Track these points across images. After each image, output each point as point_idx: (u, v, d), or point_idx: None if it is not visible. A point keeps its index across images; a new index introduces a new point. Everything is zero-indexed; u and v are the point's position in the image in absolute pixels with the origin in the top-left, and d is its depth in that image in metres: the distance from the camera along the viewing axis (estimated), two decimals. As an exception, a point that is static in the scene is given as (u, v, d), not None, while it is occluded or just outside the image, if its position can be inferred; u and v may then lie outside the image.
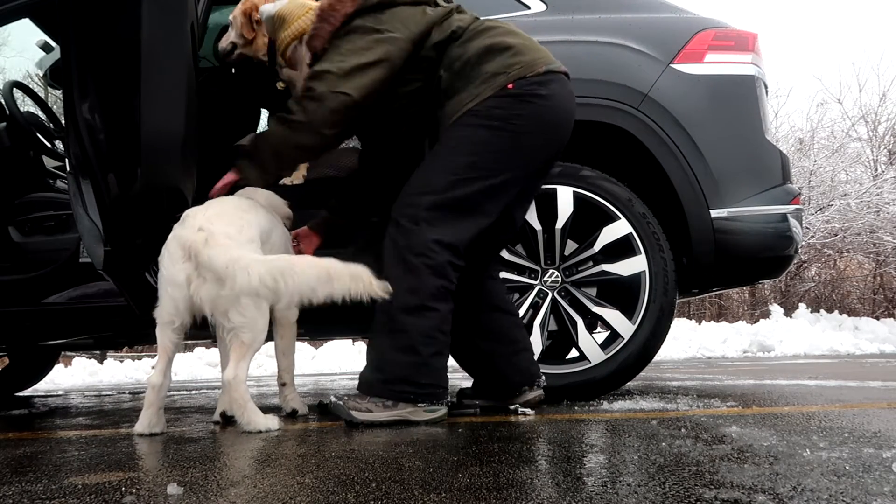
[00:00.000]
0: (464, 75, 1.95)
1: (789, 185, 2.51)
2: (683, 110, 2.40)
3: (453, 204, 1.88)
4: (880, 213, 12.68)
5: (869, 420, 1.71)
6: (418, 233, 1.86)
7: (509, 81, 1.90)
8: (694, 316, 13.31)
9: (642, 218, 2.30)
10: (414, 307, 1.84)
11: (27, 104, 3.88)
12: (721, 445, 1.39)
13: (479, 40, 1.97)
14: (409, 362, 1.84)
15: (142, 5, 1.87)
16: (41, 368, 4.43)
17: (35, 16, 2.94)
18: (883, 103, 14.17)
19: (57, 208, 2.96)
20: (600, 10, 2.59)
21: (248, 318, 1.80)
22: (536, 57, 1.96)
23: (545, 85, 1.93)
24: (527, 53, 1.95)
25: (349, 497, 1.06)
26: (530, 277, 2.30)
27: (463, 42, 1.98)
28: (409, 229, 1.87)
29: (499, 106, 1.90)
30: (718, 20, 2.61)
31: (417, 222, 1.87)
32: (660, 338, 2.30)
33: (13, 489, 1.23)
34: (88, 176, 1.99)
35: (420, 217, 1.87)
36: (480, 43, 1.96)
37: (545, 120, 1.94)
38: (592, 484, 1.09)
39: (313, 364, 7.92)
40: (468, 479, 1.16)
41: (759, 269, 2.56)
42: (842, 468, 1.13)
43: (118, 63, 1.93)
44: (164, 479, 1.25)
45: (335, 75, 1.92)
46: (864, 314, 11.73)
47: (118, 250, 2.05)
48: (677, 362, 6.47)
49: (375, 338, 1.91)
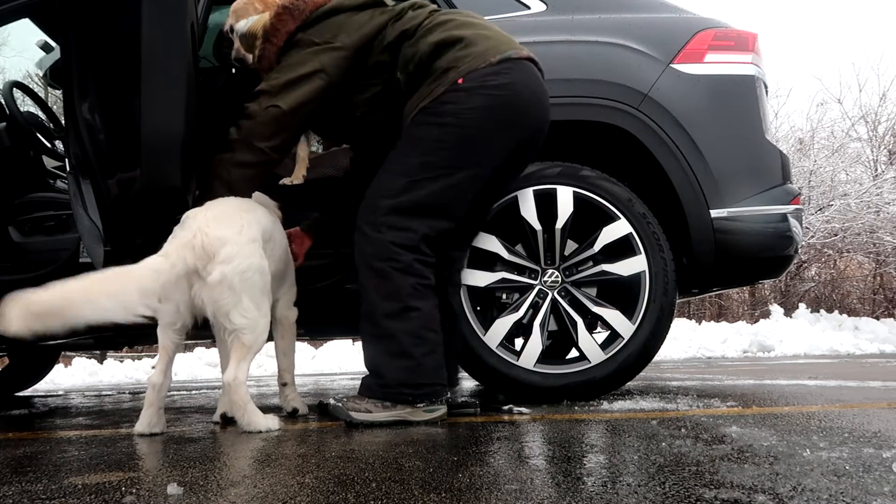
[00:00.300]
0: (418, 74, 1.94)
1: (789, 185, 2.51)
2: (683, 110, 2.40)
3: (410, 206, 1.88)
4: (880, 213, 12.68)
5: (869, 420, 1.71)
6: (381, 239, 1.86)
7: (459, 76, 1.86)
8: (694, 316, 13.31)
9: (642, 218, 2.30)
10: (396, 311, 1.85)
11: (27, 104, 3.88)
12: (721, 445, 1.39)
13: (430, 37, 1.94)
14: (403, 366, 1.85)
15: (142, 5, 1.88)
16: (41, 368, 4.42)
17: (35, 16, 2.94)
18: (883, 103, 14.20)
19: (57, 208, 2.95)
20: (600, 10, 2.59)
21: (249, 319, 1.80)
22: (488, 47, 1.91)
23: (501, 74, 1.88)
24: (478, 44, 1.91)
25: (349, 497, 1.06)
26: (530, 277, 2.30)
27: (415, 41, 1.96)
28: (372, 237, 1.88)
29: (451, 101, 1.87)
30: (718, 20, 2.61)
31: (379, 229, 1.87)
32: (660, 338, 2.30)
33: (13, 489, 1.23)
34: (88, 176, 1.99)
35: (380, 223, 1.87)
36: (432, 39, 1.93)
37: (502, 110, 1.89)
38: (592, 484, 1.09)
39: (313, 364, 7.92)
40: (468, 479, 1.16)
41: (759, 269, 2.56)
42: (842, 468, 1.13)
43: (118, 63, 1.93)
44: (164, 479, 1.25)
45: (268, 94, 1.95)
46: (864, 314, 11.72)
47: (118, 250, 2.05)
48: (677, 362, 6.47)
49: (366, 346, 1.92)
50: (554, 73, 2.41)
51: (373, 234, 1.88)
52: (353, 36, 1.97)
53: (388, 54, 1.99)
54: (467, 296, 2.26)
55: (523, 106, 1.94)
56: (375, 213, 1.89)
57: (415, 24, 1.98)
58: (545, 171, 2.31)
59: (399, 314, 1.84)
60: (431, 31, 1.96)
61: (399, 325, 1.84)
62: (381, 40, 2.00)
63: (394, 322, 1.84)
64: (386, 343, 1.86)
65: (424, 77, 1.93)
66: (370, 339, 1.90)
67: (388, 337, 1.85)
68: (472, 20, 2.00)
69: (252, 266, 1.81)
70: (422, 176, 1.88)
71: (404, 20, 2.00)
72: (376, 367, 1.89)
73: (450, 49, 1.91)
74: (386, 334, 1.85)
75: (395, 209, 1.87)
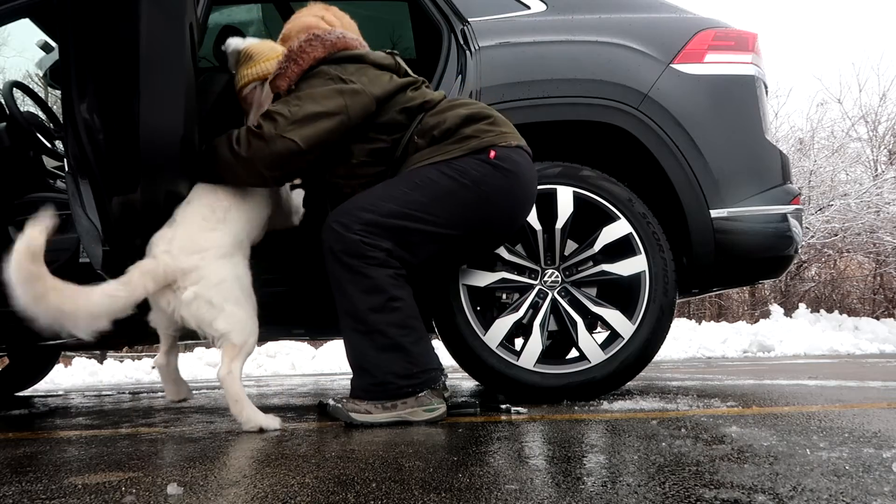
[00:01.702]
0: (438, 140, 1.98)
1: (789, 185, 2.51)
2: (683, 110, 2.40)
3: (390, 229, 1.89)
4: (880, 213, 12.67)
5: (869, 420, 1.71)
6: (351, 238, 1.87)
7: (482, 146, 1.94)
8: (694, 316, 13.31)
9: (642, 218, 2.30)
10: (380, 304, 1.86)
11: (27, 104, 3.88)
12: (721, 445, 1.39)
13: (457, 110, 2.01)
14: (397, 359, 1.86)
15: (141, 5, 1.87)
16: (41, 368, 4.42)
17: (35, 16, 2.94)
18: (883, 103, 14.20)
19: (57, 208, 2.95)
20: (600, 10, 2.59)
21: (235, 321, 1.81)
22: (510, 131, 2.02)
23: (517, 163, 1.98)
24: (502, 126, 2.02)
25: (349, 497, 1.06)
26: (530, 277, 2.30)
27: (439, 112, 2.01)
28: (342, 234, 1.88)
29: (476, 169, 1.93)
30: (718, 20, 2.61)
31: (352, 231, 1.88)
32: (660, 338, 2.30)
33: (13, 489, 1.23)
34: (87, 176, 1.98)
35: (354, 228, 1.88)
36: (460, 112, 2.00)
37: (511, 195, 1.99)
38: (592, 484, 1.09)
39: (313, 364, 7.92)
40: (468, 479, 1.16)
41: (760, 269, 2.56)
42: (842, 468, 1.13)
43: (117, 63, 1.92)
44: (164, 479, 1.25)
45: (286, 119, 1.88)
46: (864, 314, 11.73)
47: (117, 250, 2.05)
48: (677, 362, 6.47)
49: (352, 345, 1.91)
50: (554, 73, 2.42)
51: (343, 231, 1.89)
52: (376, 86, 1.97)
53: (405, 116, 2.01)
54: (467, 296, 2.25)
55: (525, 199, 2.06)
56: (350, 218, 1.90)
57: (436, 98, 2.05)
58: (545, 171, 2.31)
59: (384, 307, 1.86)
60: (457, 106, 2.04)
61: (385, 317, 1.85)
62: (398, 101, 2.01)
63: (380, 315, 1.85)
64: (374, 338, 1.86)
65: (446, 140, 1.97)
66: (355, 335, 1.89)
67: (376, 332, 1.86)
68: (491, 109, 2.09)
69: (225, 279, 1.82)
70: (418, 214, 1.90)
71: (423, 91, 2.06)
72: (367, 365, 1.88)
73: (477, 122, 1.99)
74: (373, 329, 1.86)
75: (373, 224, 1.89)
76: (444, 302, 2.24)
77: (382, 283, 1.86)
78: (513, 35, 2.49)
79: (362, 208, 1.92)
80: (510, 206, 2.02)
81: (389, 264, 1.89)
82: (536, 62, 2.44)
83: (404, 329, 1.87)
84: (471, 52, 2.41)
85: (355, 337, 1.89)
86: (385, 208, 1.90)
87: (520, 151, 2.01)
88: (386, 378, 1.85)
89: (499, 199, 1.97)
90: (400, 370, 1.85)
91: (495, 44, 2.45)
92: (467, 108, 2.03)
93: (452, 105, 2.03)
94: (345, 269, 1.88)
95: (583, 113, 2.40)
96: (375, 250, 1.88)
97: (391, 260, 1.89)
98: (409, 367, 1.86)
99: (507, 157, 1.96)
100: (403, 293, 1.90)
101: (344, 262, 1.88)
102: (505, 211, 2.02)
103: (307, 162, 1.96)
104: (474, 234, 2.01)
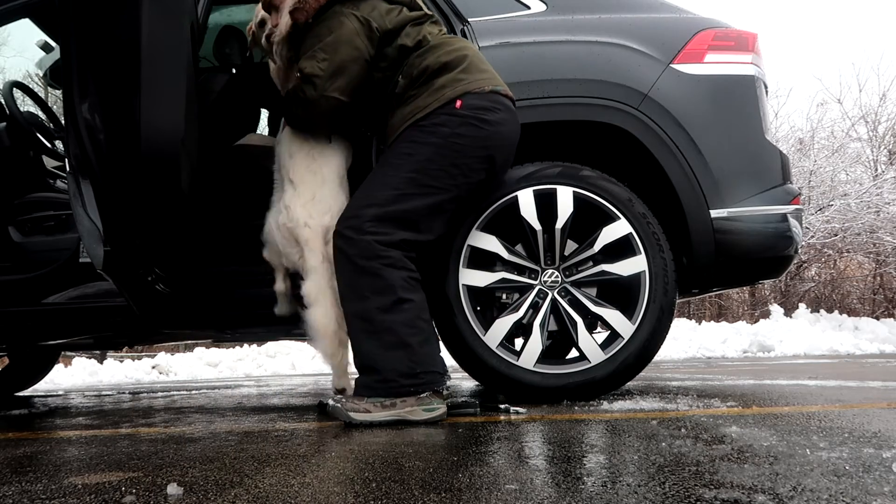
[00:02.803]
0: (417, 85, 2.03)
1: (789, 186, 2.51)
2: (683, 110, 2.40)
3: (396, 216, 1.94)
4: (880, 213, 12.67)
5: (869, 420, 1.71)
6: (365, 240, 1.91)
7: (455, 95, 1.98)
8: (694, 316, 13.31)
9: (642, 218, 2.30)
10: (390, 304, 1.88)
11: (27, 104, 3.88)
12: (721, 445, 1.39)
13: (437, 55, 2.04)
14: (402, 357, 1.87)
15: (142, 5, 1.87)
16: (41, 368, 4.43)
17: (35, 16, 2.94)
18: (883, 103, 14.20)
19: (57, 208, 2.96)
20: (600, 10, 2.59)
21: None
22: (484, 77, 2.04)
23: (492, 111, 2.01)
24: (475, 73, 2.03)
25: (349, 497, 1.06)
26: (530, 277, 2.30)
27: (424, 52, 2.05)
28: (355, 238, 1.93)
29: (445, 124, 1.97)
30: (718, 20, 2.60)
31: (362, 232, 1.92)
32: (660, 338, 2.30)
33: (13, 489, 1.23)
34: (88, 176, 1.99)
35: (364, 228, 1.92)
36: (440, 58, 2.03)
37: (487, 145, 2.01)
38: (592, 484, 1.09)
39: (313, 364, 7.92)
40: (468, 479, 1.16)
41: (760, 270, 2.55)
42: (842, 468, 1.13)
43: (118, 63, 1.92)
44: (164, 479, 1.25)
45: (322, 78, 2.00)
46: (864, 314, 11.72)
47: (118, 250, 2.05)
48: (677, 362, 6.47)
49: (360, 344, 1.93)
50: (554, 74, 2.41)
51: (356, 236, 1.92)
52: (384, 22, 2.05)
53: (397, 53, 2.06)
54: (467, 296, 2.26)
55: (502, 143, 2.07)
56: (359, 220, 1.94)
57: (430, 38, 2.08)
58: (545, 171, 2.31)
59: (392, 307, 1.88)
60: (438, 48, 2.06)
61: (393, 317, 1.87)
62: (399, 38, 2.06)
63: (388, 315, 1.87)
64: (383, 337, 1.87)
65: (421, 90, 2.02)
66: (364, 336, 1.91)
67: (384, 330, 1.87)
68: (474, 51, 2.13)
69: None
70: (410, 191, 1.95)
71: (423, 29, 2.09)
72: (372, 364, 1.89)
73: (451, 71, 2.02)
74: (381, 328, 1.87)
75: (379, 218, 1.93)
76: (444, 302, 2.24)
77: (396, 284, 1.89)
78: (513, 35, 2.49)
79: (364, 205, 1.96)
80: (488, 154, 2.04)
81: (404, 265, 1.93)
82: (536, 62, 2.44)
83: (412, 328, 1.89)
84: (471, 52, 2.41)
85: (363, 338, 1.91)
86: (382, 197, 1.95)
87: (493, 96, 2.03)
88: (389, 375, 1.86)
89: (475, 149, 2.00)
90: (404, 368, 1.86)
91: (495, 44, 2.45)
92: (448, 53, 2.05)
93: (435, 47, 2.06)
94: (359, 272, 1.91)
95: (583, 113, 2.40)
96: (390, 248, 1.91)
97: (405, 260, 1.93)
98: (413, 366, 1.87)
99: (476, 105, 1.99)
100: (415, 296, 1.92)
101: (359, 265, 1.90)
102: (485, 158, 2.04)
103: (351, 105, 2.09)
104: (468, 186, 2.04)
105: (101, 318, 2.62)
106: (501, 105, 2.04)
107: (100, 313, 2.59)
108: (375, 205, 1.94)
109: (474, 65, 2.05)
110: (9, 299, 2.60)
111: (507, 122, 2.05)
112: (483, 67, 2.08)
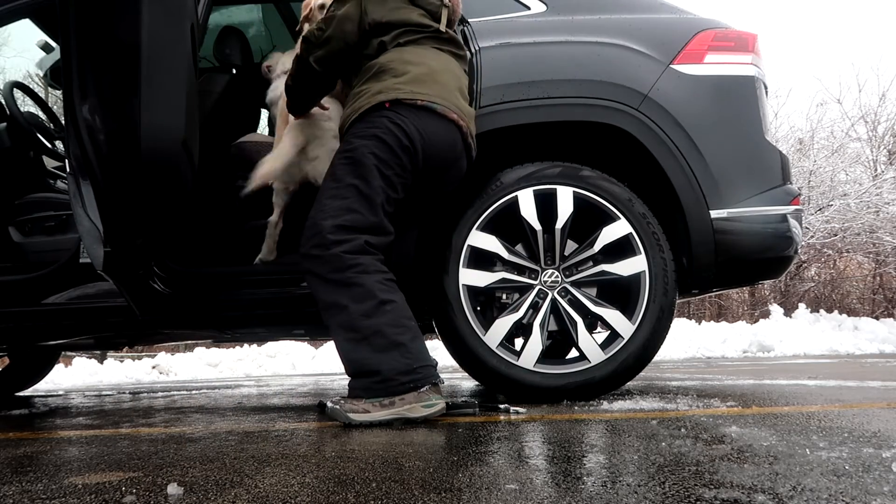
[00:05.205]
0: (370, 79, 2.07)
1: (789, 186, 2.51)
2: (683, 111, 2.40)
3: (354, 224, 1.95)
4: (880, 213, 12.67)
5: (869, 420, 1.71)
6: (332, 253, 1.92)
7: (387, 100, 2.00)
8: (694, 316, 13.31)
9: (642, 218, 2.30)
10: (372, 309, 1.89)
11: (27, 104, 3.88)
12: (721, 445, 1.39)
13: (400, 54, 2.08)
14: (397, 356, 1.88)
15: (142, 6, 1.88)
16: (41, 368, 4.43)
17: (35, 16, 2.94)
18: (882, 103, 14.19)
19: (57, 208, 2.96)
20: (600, 11, 2.59)
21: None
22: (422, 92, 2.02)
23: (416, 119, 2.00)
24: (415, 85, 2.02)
25: (349, 497, 1.06)
26: (530, 277, 2.30)
27: (394, 49, 2.10)
28: (323, 255, 1.93)
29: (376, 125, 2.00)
30: (718, 21, 2.61)
31: (327, 246, 1.92)
32: (660, 338, 2.30)
33: (13, 489, 1.23)
34: (89, 177, 1.99)
35: (328, 241, 1.93)
36: (398, 59, 2.07)
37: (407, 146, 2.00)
38: (592, 484, 1.09)
39: (313, 364, 7.93)
40: (468, 478, 1.16)
41: (759, 270, 2.55)
42: (841, 468, 1.13)
43: (118, 63, 1.93)
44: (165, 479, 1.26)
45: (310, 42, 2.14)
46: (864, 314, 11.72)
47: (118, 251, 2.05)
48: (677, 362, 6.47)
49: (349, 353, 1.93)
50: (554, 74, 2.41)
51: (323, 252, 1.93)
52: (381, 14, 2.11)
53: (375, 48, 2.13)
54: (467, 296, 2.26)
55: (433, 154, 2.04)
56: (321, 235, 1.94)
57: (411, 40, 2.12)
58: (545, 171, 2.31)
59: (375, 310, 1.89)
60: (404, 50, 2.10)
61: (378, 320, 1.88)
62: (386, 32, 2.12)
63: (372, 319, 1.88)
64: (371, 341, 1.88)
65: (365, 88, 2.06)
66: (352, 345, 1.91)
67: (373, 334, 1.88)
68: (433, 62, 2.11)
69: None
70: (354, 196, 1.96)
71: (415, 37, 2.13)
72: (369, 368, 1.89)
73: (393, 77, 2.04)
74: (369, 333, 1.88)
75: (338, 227, 1.94)
76: (444, 302, 2.24)
77: (373, 288, 1.90)
78: (513, 36, 2.49)
79: (321, 219, 1.96)
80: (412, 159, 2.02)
81: (377, 268, 1.94)
82: (536, 63, 2.44)
83: (400, 327, 1.90)
84: (471, 53, 2.41)
85: (351, 347, 1.91)
86: (334, 206, 1.96)
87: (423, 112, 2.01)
88: (388, 375, 1.86)
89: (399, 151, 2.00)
90: (401, 367, 1.87)
91: (495, 44, 2.45)
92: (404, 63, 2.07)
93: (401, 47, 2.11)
94: (334, 285, 1.92)
95: (583, 113, 2.40)
96: (358, 255, 1.92)
97: (377, 264, 1.95)
98: (410, 362, 1.88)
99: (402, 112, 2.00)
100: (395, 296, 1.93)
101: (332, 279, 1.92)
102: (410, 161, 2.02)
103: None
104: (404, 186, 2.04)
105: (101, 319, 2.62)
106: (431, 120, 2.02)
107: (100, 313, 2.60)
108: (330, 216, 1.95)
109: (420, 80, 2.04)
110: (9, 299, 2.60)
111: (435, 134, 2.03)
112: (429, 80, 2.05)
